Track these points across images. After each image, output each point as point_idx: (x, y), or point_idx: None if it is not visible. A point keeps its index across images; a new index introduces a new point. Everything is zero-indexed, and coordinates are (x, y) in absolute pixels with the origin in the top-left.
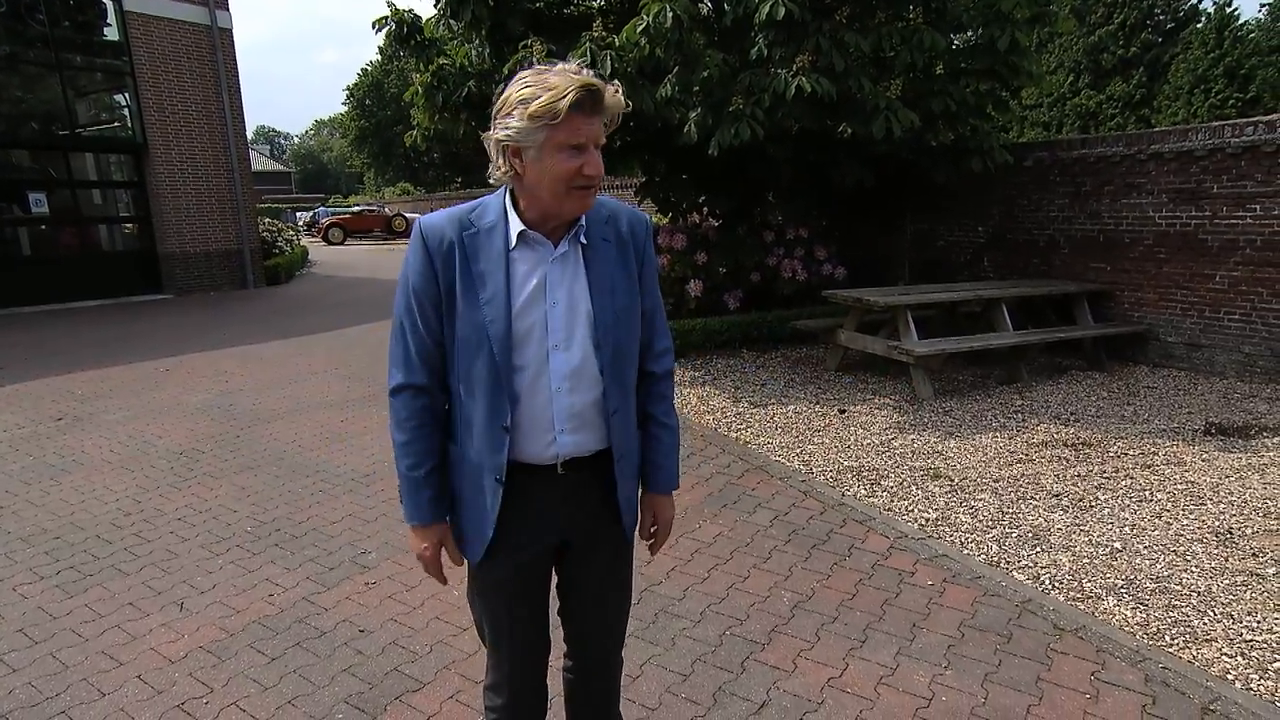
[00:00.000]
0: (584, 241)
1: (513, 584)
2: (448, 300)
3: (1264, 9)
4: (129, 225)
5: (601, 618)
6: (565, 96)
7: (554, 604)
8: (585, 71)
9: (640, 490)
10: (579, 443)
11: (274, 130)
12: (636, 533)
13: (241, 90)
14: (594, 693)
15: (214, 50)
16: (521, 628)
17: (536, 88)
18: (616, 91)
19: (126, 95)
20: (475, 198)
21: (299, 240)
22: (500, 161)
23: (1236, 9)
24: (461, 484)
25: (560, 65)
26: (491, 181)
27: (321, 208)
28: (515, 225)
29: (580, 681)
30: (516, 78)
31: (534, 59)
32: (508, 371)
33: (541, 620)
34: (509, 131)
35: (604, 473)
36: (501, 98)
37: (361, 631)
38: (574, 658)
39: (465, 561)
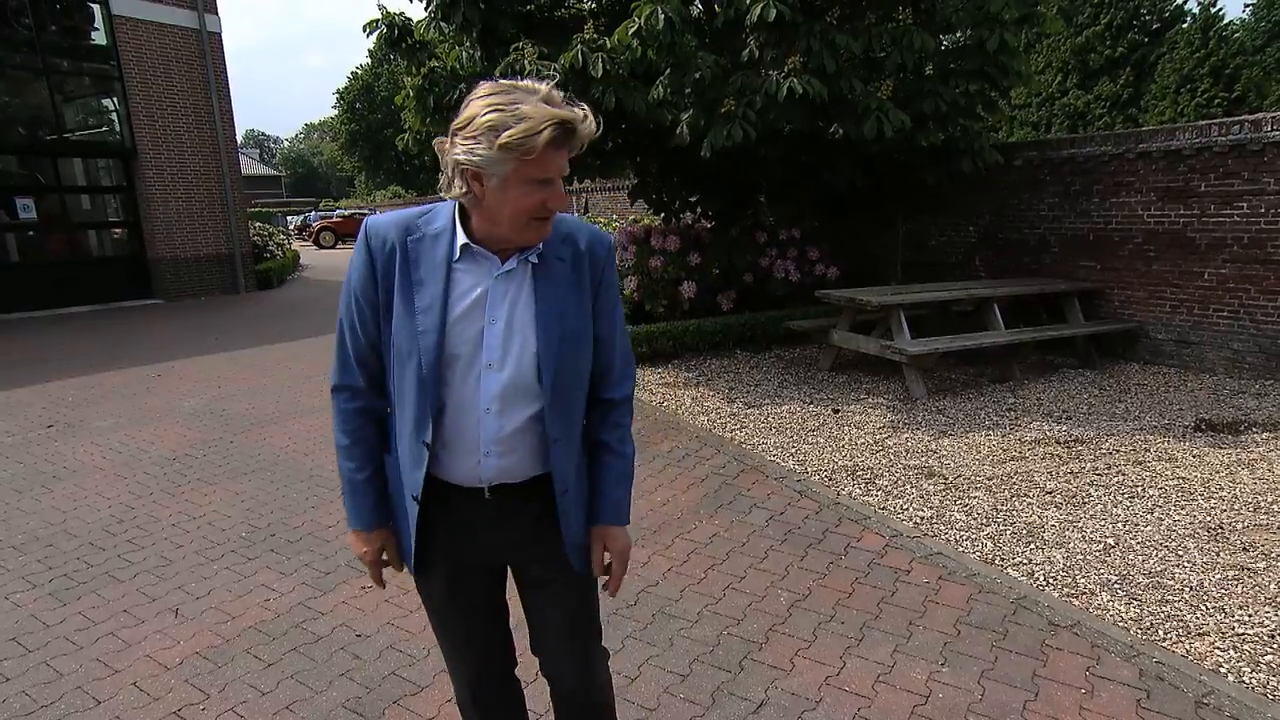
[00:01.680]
0: (534, 260)
1: (449, 603)
2: (385, 305)
3: (1248, 9)
4: (118, 230)
5: (567, 650)
6: (541, 132)
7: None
8: (554, 94)
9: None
10: (507, 468)
11: (264, 134)
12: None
13: (231, 94)
14: (577, 707)
15: (203, 54)
16: (467, 646)
17: (506, 114)
18: (586, 119)
19: (115, 99)
20: None
21: (290, 244)
22: (457, 181)
23: (1221, 9)
24: (395, 495)
25: (529, 84)
26: (444, 196)
27: (313, 212)
28: (461, 238)
29: (564, 710)
30: (480, 94)
31: (526, 61)
32: (434, 385)
33: (492, 639)
34: (473, 157)
35: (541, 497)
36: (465, 114)
37: (358, 636)
38: (552, 681)
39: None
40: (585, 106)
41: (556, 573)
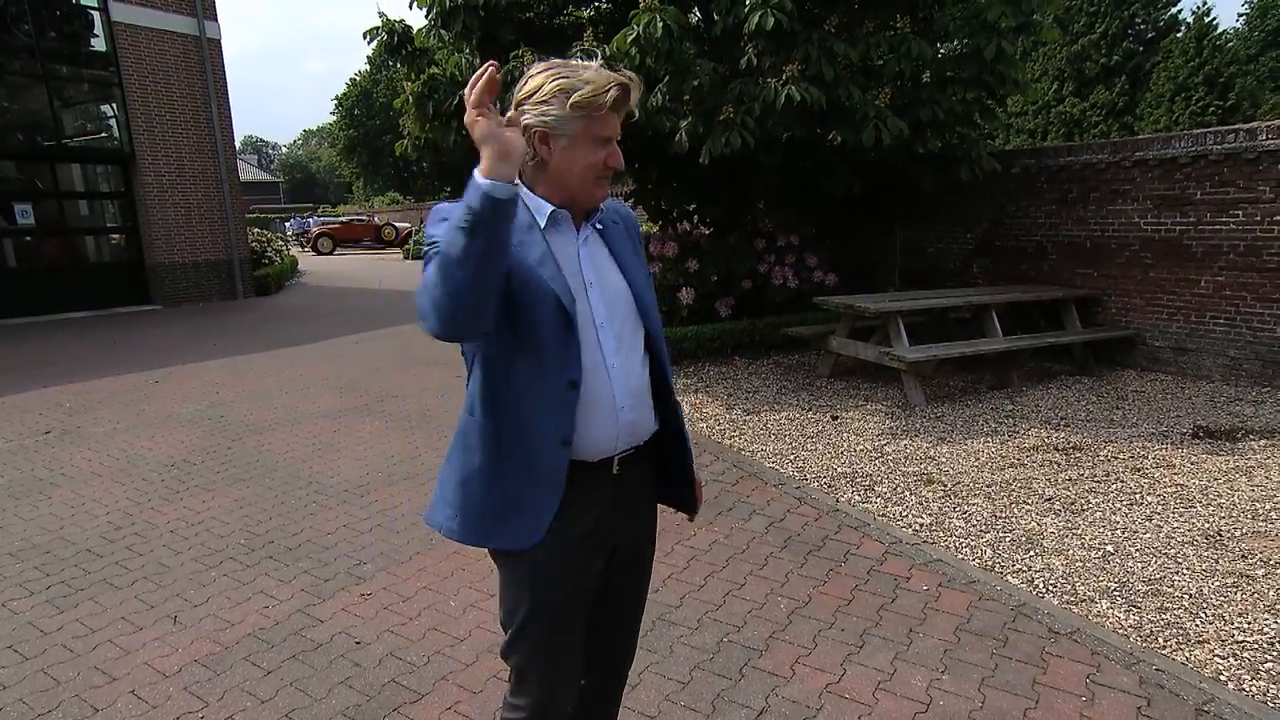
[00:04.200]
0: (599, 226)
1: (564, 597)
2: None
3: (1241, 18)
4: (116, 236)
5: (631, 622)
6: (608, 91)
7: None
8: (603, 68)
9: None
10: (637, 424)
11: (262, 140)
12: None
13: (230, 100)
14: (603, 704)
15: (202, 61)
16: (573, 663)
17: (573, 79)
18: (639, 84)
19: (114, 106)
20: None
21: (288, 250)
22: (526, 147)
23: (1215, 18)
24: (516, 476)
25: (582, 62)
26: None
27: (310, 218)
28: (545, 207)
29: (591, 695)
30: (539, 69)
31: (525, 69)
32: (572, 320)
33: (579, 642)
34: (546, 118)
35: (647, 463)
36: (528, 86)
37: (358, 643)
38: (589, 669)
39: (511, 556)
40: (639, 79)
41: (646, 544)
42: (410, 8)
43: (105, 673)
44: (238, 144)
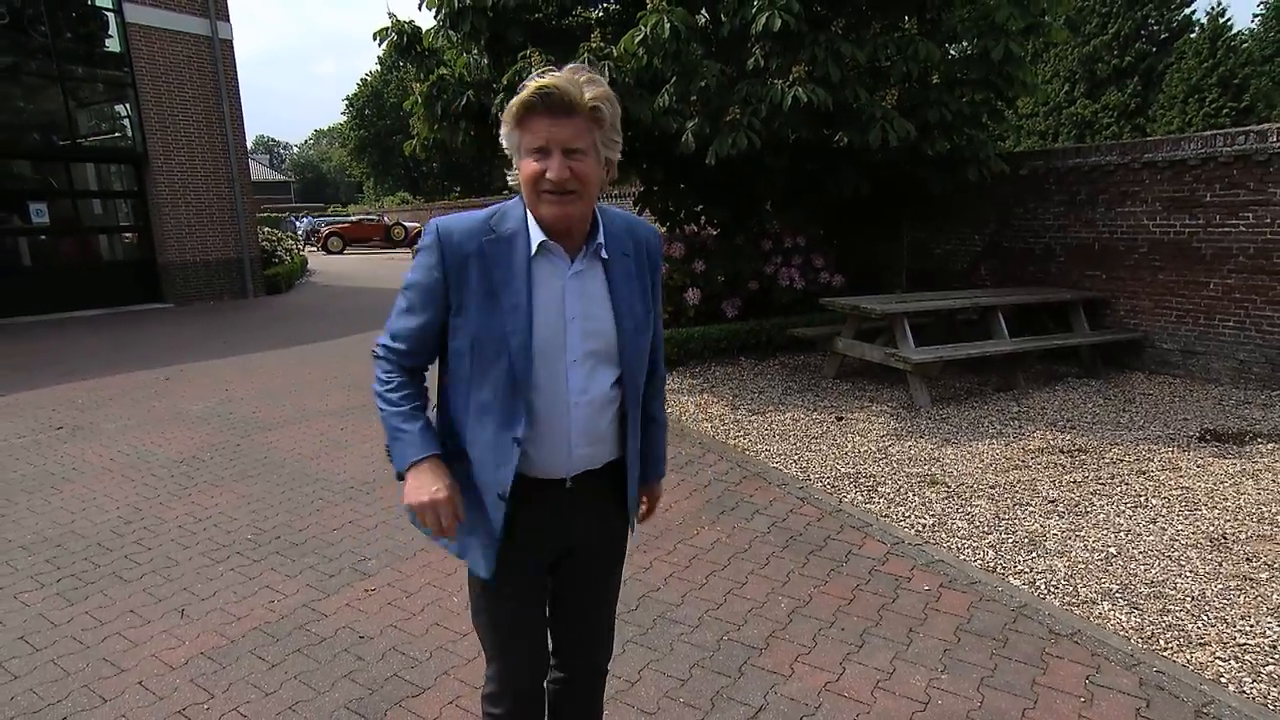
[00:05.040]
0: (605, 256)
1: (519, 595)
2: (457, 307)
3: (1257, 19)
4: (129, 235)
5: (597, 621)
6: (520, 99)
7: None
8: (569, 69)
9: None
10: (592, 456)
11: (273, 140)
12: (631, 529)
13: (241, 100)
14: (581, 703)
15: (214, 61)
16: (528, 637)
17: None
18: (589, 84)
19: (127, 106)
20: (474, 206)
21: (298, 249)
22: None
23: (1229, 19)
24: (469, 502)
25: (554, 69)
26: (511, 185)
27: (306, 217)
28: (536, 235)
29: (568, 693)
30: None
31: (532, 69)
32: (525, 384)
33: (544, 628)
34: (503, 139)
35: (614, 479)
36: None
37: (362, 638)
38: (564, 667)
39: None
40: (589, 73)
41: (606, 543)
42: (419, 9)
43: (114, 664)
44: (249, 144)
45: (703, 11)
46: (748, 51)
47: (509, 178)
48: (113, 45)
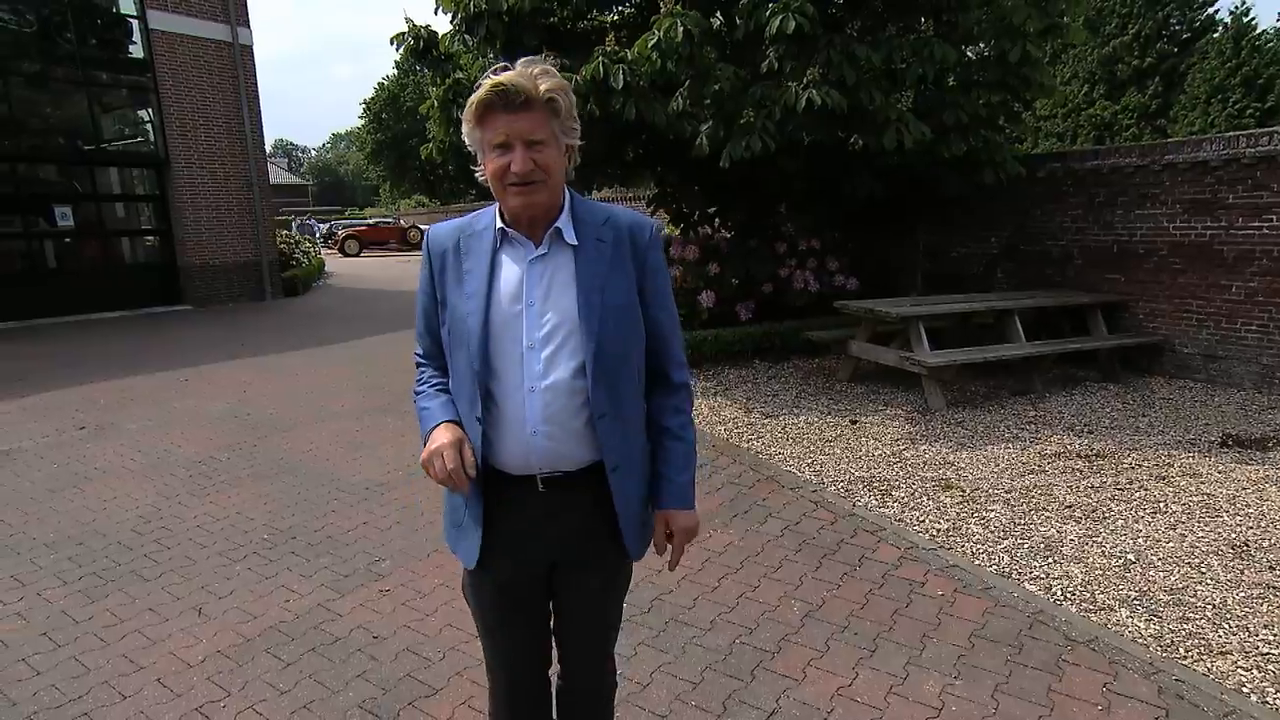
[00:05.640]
0: (574, 242)
1: (500, 605)
2: (442, 301)
3: None
4: (150, 238)
5: (588, 643)
6: (478, 98)
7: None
8: (533, 66)
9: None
10: (557, 451)
11: (291, 143)
12: (647, 550)
13: (261, 104)
14: (581, 715)
15: (235, 66)
16: (511, 651)
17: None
18: (543, 75)
19: (150, 111)
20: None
21: (316, 252)
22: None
23: (1254, 18)
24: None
25: (509, 67)
26: (479, 181)
27: (310, 220)
28: (498, 225)
29: (568, 703)
30: None
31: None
32: (482, 367)
33: (534, 645)
34: (467, 139)
35: (593, 490)
36: None
37: (375, 638)
38: (565, 677)
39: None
40: (542, 65)
41: (597, 561)
42: (435, 13)
43: (133, 661)
44: (268, 147)
45: (717, 15)
46: (762, 54)
47: (476, 174)
48: (136, 52)
